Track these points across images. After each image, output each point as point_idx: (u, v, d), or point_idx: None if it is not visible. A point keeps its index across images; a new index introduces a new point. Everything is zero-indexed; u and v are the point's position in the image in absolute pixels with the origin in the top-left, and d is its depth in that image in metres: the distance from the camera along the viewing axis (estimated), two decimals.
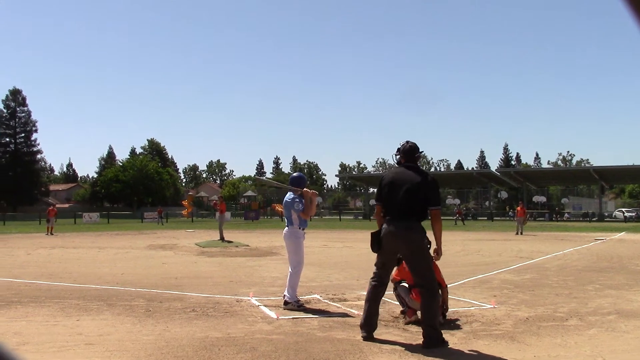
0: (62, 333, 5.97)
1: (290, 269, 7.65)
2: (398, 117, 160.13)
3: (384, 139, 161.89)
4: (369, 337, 5.67)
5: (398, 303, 6.89)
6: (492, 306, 7.65)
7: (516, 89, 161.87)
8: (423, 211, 5.66)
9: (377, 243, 5.79)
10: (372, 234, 5.85)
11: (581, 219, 59.06)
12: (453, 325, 6.44)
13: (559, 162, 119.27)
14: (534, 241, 23.11)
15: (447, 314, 6.80)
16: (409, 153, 5.93)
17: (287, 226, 7.74)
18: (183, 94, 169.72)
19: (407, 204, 5.60)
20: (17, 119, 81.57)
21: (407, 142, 5.99)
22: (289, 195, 7.86)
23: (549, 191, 75.33)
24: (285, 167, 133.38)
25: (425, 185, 5.66)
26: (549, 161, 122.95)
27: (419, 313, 5.97)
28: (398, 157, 6.04)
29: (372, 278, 5.91)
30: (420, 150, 6.03)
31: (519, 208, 29.39)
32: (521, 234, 27.61)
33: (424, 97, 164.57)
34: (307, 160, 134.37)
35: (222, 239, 21.32)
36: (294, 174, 8.22)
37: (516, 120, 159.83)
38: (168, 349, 5.28)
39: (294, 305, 7.39)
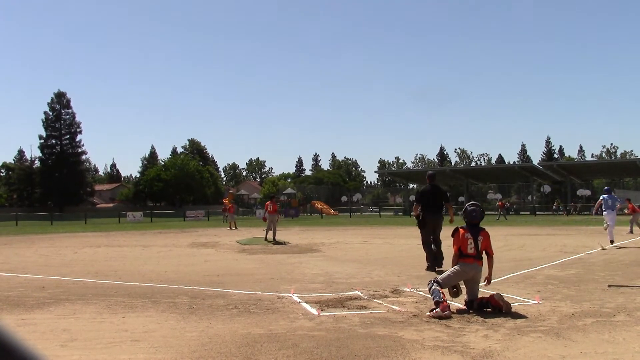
0: (108, 330, 6.11)
1: None
2: (437, 113, 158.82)
3: (422, 135, 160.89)
4: None
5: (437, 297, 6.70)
6: (536, 302, 7.51)
7: (557, 82, 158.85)
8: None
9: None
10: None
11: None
12: (495, 322, 6.35)
13: (603, 154, 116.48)
14: (579, 235, 22.60)
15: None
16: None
17: None
18: (223, 94, 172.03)
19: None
20: (62, 121, 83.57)
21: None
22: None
23: (594, 185, 73.52)
24: (325, 164, 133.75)
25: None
26: (592, 154, 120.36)
27: (452, 306, 5.86)
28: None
29: None
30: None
31: (630, 205, 26.23)
32: (631, 232, 24.15)
33: (464, 93, 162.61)
34: (345, 157, 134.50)
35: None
36: None
37: (558, 113, 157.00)
38: (211, 345, 5.36)
39: None
